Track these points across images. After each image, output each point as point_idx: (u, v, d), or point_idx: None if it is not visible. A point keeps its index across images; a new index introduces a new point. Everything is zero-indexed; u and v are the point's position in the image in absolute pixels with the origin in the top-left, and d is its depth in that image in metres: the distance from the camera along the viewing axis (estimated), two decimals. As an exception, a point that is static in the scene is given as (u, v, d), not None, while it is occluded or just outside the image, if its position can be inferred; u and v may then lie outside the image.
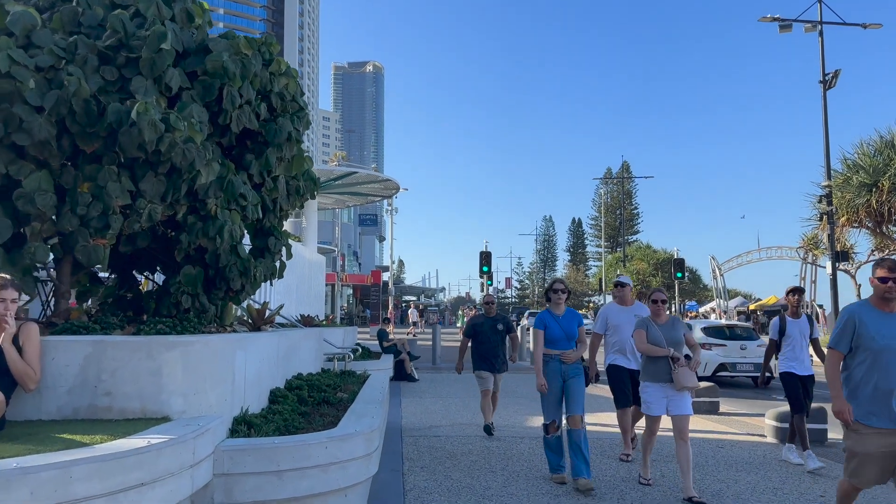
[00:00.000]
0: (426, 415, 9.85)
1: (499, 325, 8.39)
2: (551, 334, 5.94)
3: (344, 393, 6.78)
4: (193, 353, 3.88)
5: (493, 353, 8.26)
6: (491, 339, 8.30)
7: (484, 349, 8.26)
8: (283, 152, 6.25)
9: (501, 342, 8.39)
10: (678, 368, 5.62)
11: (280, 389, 5.47)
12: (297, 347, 6.74)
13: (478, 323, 8.45)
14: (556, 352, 5.93)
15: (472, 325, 8.49)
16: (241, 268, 6.25)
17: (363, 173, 16.01)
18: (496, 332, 8.34)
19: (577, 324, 6.06)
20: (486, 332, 8.31)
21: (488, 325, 8.36)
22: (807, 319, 7.29)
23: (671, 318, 6.04)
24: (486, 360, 8.28)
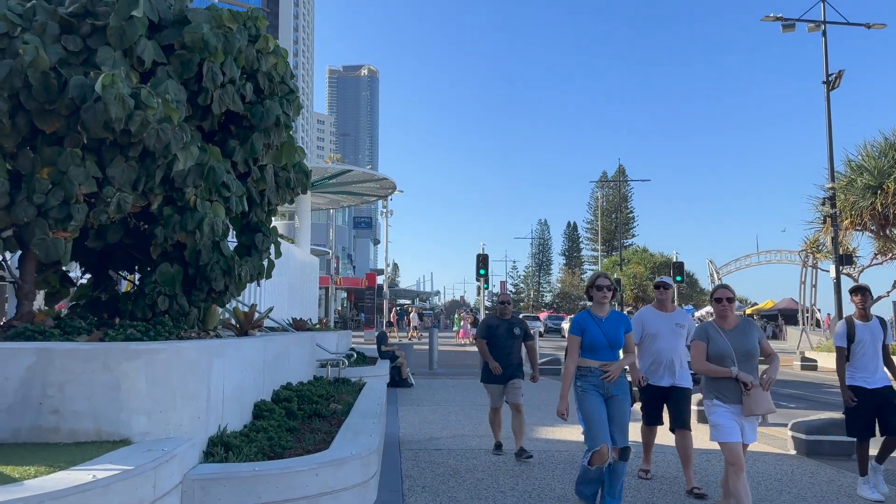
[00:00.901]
0: (425, 425, 9.25)
1: (515, 328, 7.42)
2: (591, 341, 4.83)
3: (338, 404, 6.19)
4: (160, 364, 3.28)
5: (507, 360, 7.32)
6: (505, 345, 7.36)
7: (497, 355, 7.33)
8: (271, 138, 5.67)
9: (517, 348, 7.45)
10: (751, 391, 4.56)
11: (266, 402, 4.88)
12: (287, 354, 6.14)
13: (492, 325, 7.48)
14: (596, 363, 4.82)
15: (486, 326, 7.54)
16: (224, 266, 5.68)
17: (358, 171, 15.43)
18: (512, 337, 7.39)
19: (623, 329, 4.96)
20: (500, 336, 7.37)
21: (503, 329, 7.41)
22: (878, 323, 6.20)
23: (742, 321, 4.88)
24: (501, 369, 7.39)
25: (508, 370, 7.30)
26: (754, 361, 4.70)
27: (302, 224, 16.22)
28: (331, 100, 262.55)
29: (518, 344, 7.44)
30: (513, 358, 7.35)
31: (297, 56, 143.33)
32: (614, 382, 4.81)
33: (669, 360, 6.01)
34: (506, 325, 7.42)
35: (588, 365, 4.86)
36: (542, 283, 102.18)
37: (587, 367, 4.85)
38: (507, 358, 7.29)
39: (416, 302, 71.57)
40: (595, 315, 4.94)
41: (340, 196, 18.25)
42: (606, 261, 60.17)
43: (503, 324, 7.46)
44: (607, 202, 79.14)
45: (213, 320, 6.57)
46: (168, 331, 4.88)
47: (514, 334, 7.39)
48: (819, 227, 25.66)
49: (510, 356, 7.33)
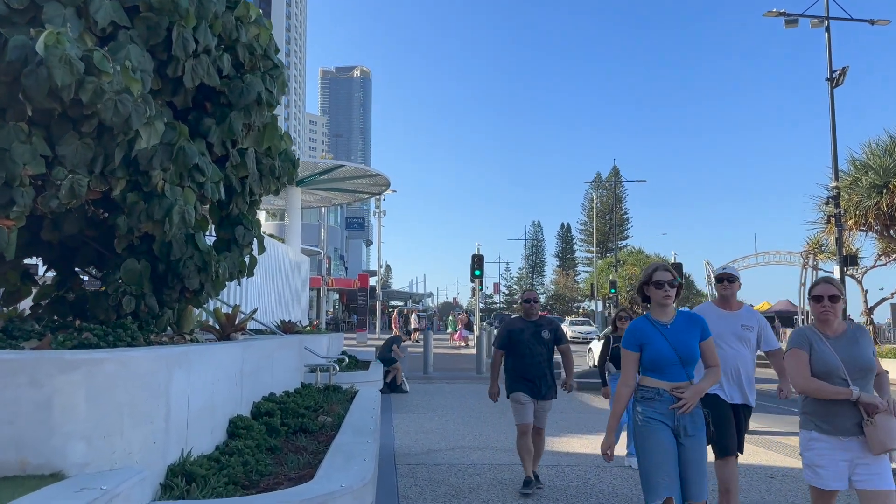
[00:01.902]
0: (422, 435, 8.61)
1: (544, 331, 6.08)
2: (655, 357, 3.59)
3: (328, 416, 5.55)
4: (103, 376, 2.64)
5: (536, 371, 5.96)
6: (534, 352, 6.00)
7: (523, 365, 5.98)
8: (252, 118, 5.02)
9: (548, 357, 6.10)
10: (876, 417, 3.35)
11: (244, 418, 4.23)
12: (271, 360, 5.50)
13: (515, 329, 6.14)
14: (666, 384, 3.56)
15: (507, 331, 6.18)
16: (199, 262, 5.03)
17: (350, 167, 14.78)
18: (541, 342, 6.03)
19: (698, 336, 3.69)
20: (525, 342, 6.02)
21: (529, 332, 6.06)
22: None
23: (850, 327, 3.71)
24: (527, 381, 5.97)
25: (539, 384, 5.96)
26: (870, 379, 3.54)
27: (292, 222, 15.54)
28: (323, 101, 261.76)
29: (549, 351, 6.11)
30: (544, 368, 6.01)
31: (290, 56, 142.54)
32: (689, 413, 3.53)
33: (735, 371, 4.79)
34: (532, 329, 6.09)
35: (654, 385, 3.59)
36: (536, 285, 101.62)
37: (653, 389, 3.60)
38: (537, 368, 5.97)
39: (409, 304, 70.87)
40: (656, 321, 3.71)
41: (332, 193, 17.57)
42: (601, 262, 59.67)
43: (529, 327, 6.11)
44: (601, 203, 78.72)
45: (190, 323, 5.94)
46: (131, 335, 4.23)
47: (543, 339, 6.06)
48: (822, 227, 25.19)
49: (541, 366, 5.99)
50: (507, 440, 8.25)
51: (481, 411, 10.90)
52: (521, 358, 6.03)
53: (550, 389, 6.08)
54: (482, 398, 12.47)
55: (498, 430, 8.97)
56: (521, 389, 5.99)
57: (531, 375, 5.98)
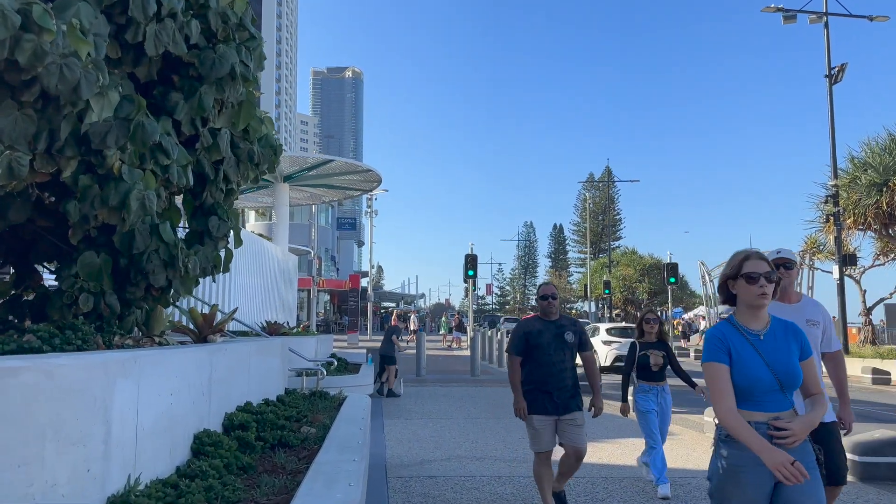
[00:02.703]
0: (415, 443, 8.08)
1: (567, 333, 5.12)
2: (747, 377, 2.62)
3: (311, 426, 5.01)
4: (19, 390, 2.11)
5: (558, 382, 5.02)
6: (554, 358, 5.04)
7: (543, 374, 5.03)
8: (225, 94, 4.48)
9: (572, 364, 5.14)
10: None
11: (211, 433, 3.68)
12: (248, 365, 4.95)
13: (532, 331, 5.15)
14: (761, 415, 2.61)
15: (523, 333, 5.17)
16: (165, 256, 4.49)
17: (340, 161, 14.21)
18: (563, 347, 5.09)
19: (799, 348, 2.72)
20: (544, 346, 5.06)
21: (550, 335, 5.10)
22: None
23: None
24: (545, 393, 5.01)
25: (561, 395, 5.01)
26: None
27: (279, 219, 14.97)
28: (314, 101, 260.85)
29: (573, 357, 5.17)
30: (566, 377, 5.05)
31: (281, 56, 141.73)
32: (795, 450, 2.53)
33: None
34: (553, 330, 5.12)
35: (746, 419, 2.58)
36: (529, 286, 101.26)
37: None
38: (558, 377, 5.02)
39: (401, 304, 70.28)
40: (746, 328, 2.71)
41: (321, 190, 16.99)
42: (594, 263, 59.28)
43: (549, 328, 5.13)
44: (594, 204, 78.40)
45: (160, 324, 5.39)
46: (82, 337, 3.70)
47: (566, 342, 5.09)
48: (820, 226, 24.83)
49: (563, 374, 5.03)
50: (507, 449, 7.73)
51: (477, 416, 10.38)
52: (540, 366, 5.03)
53: (575, 398, 5.06)
54: (478, 402, 11.97)
55: (496, 438, 8.45)
56: (538, 409, 4.99)
57: (551, 386, 5.00)
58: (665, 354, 6.11)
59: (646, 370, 6.10)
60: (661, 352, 6.10)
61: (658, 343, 6.22)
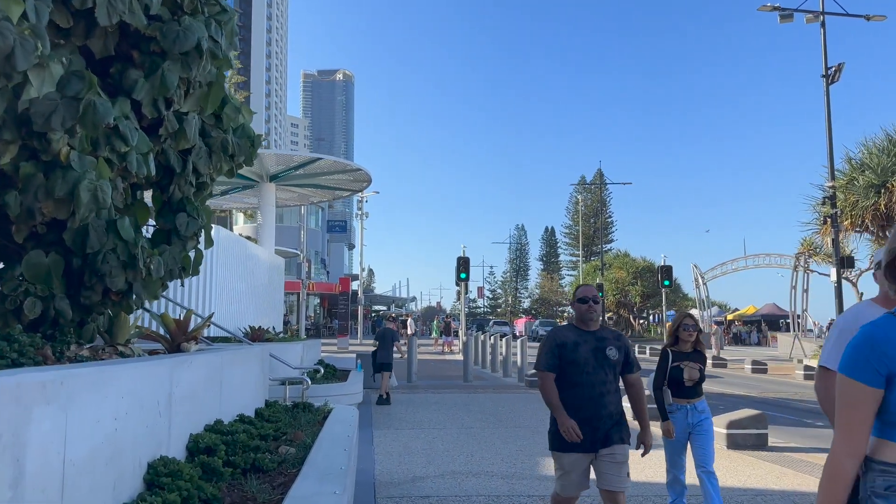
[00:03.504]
0: (406, 457, 7.58)
1: (609, 348, 4.07)
2: None
3: (290, 446, 4.51)
4: None
5: (598, 408, 3.98)
6: (594, 379, 4.00)
7: (579, 398, 3.99)
8: (192, 72, 3.98)
9: (616, 386, 4.12)
10: None
11: (170, 461, 3.17)
12: (220, 377, 4.44)
13: (567, 342, 4.08)
14: None
15: (556, 345, 4.08)
16: (124, 256, 3.99)
17: (329, 160, 13.70)
18: (605, 364, 4.04)
19: None
20: (581, 363, 4.01)
21: (589, 348, 4.05)
22: None
23: None
24: (582, 422, 3.94)
25: (601, 426, 3.96)
26: None
27: (265, 220, 14.44)
28: (305, 104, 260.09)
29: (616, 377, 4.12)
30: (608, 402, 4.00)
31: (271, 58, 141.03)
32: None
33: None
34: (592, 343, 4.06)
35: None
36: (520, 289, 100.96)
37: None
38: (597, 402, 3.97)
39: (392, 308, 69.70)
40: None
41: (309, 190, 16.46)
42: (587, 266, 58.95)
43: (587, 340, 4.06)
44: (586, 207, 78.14)
45: (124, 331, 4.89)
46: (18, 349, 3.18)
47: (609, 359, 4.04)
48: (816, 228, 24.50)
49: (604, 399, 3.99)
50: (504, 462, 7.25)
51: (471, 426, 9.89)
52: (575, 387, 3.98)
53: (617, 427, 3.98)
54: (471, 410, 11.48)
55: (492, 450, 7.97)
56: (570, 447, 3.93)
57: (589, 413, 3.94)
58: (702, 367, 5.21)
59: (677, 385, 5.13)
60: (698, 364, 5.19)
61: (694, 353, 5.25)
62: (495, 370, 19.89)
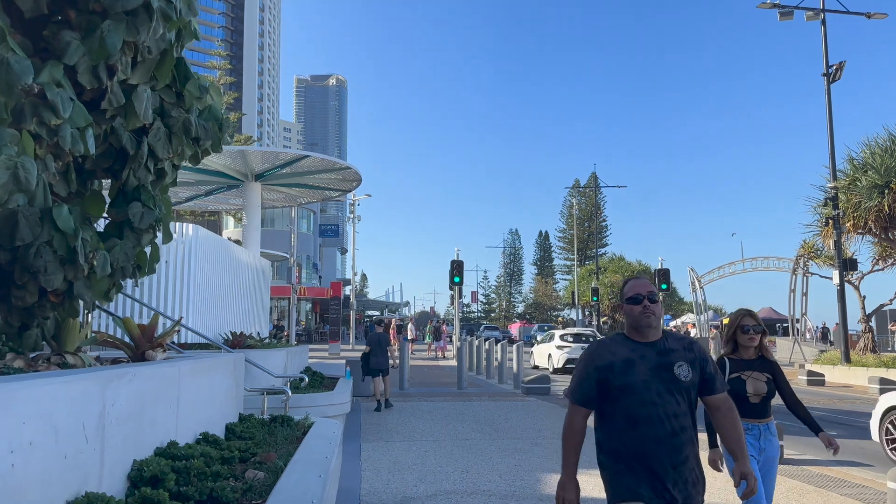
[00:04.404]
0: (396, 474, 6.99)
1: (678, 364, 2.83)
2: None
3: (260, 469, 3.92)
4: None
5: (668, 452, 2.74)
6: (659, 409, 2.77)
7: (640, 437, 2.77)
8: (140, 36, 3.39)
9: (691, 419, 2.84)
10: None
11: (98, 497, 2.58)
12: (174, 392, 3.85)
13: (614, 362, 2.86)
14: None
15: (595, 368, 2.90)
16: (61, 250, 3.41)
17: (316, 157, 13.11)
18: (674, 386, 2.81)
19: None
20: (639, 388, 2.79)
21: (648, 367, 2.83)
22: None
23: None
24: (651, 475, 2.74)
25: (680, 479, 2.75)
26: None
27: (250, 221, 13.83)
28: (298, 109, 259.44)
29: (691, 406, 2.87)
30: (684, 445, 2.78)
31: (263, 62, 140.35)
32: None
33: None
34: (653, 358, 2.85)
35: None
36: (514, 294, 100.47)
37: None
38: (669, 446, 2.75)
39: (385, 313, 69.04)
40: None
41: (297, 190, 15.87)
42: (581, 269, 58.46)
43: (646, 355, 2.86)
44: (580, 211, 77.72)
45: (73, 338, 4.33)
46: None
47: (679, 380, 2.82)
48: (817, 230, 24.04)
49: (677, 440, 2.77)
50: (502, 480, 6.67)
51: (466, 437, 9.30)
52: (637, 423, 2.76)
53: (696, 488, 2.78)
54: (466, 420, 10.90)
55: (489, 465, 7.38)
56: (633, 497, 2.73)
57: (660, 461, 2.73)
58: (770, 378, 4.16)
59: (740, 401, 4.00)
60: (766, 374, 4.16)
61: (759, 361, 4.21)
62: (490, 376, 19.31)
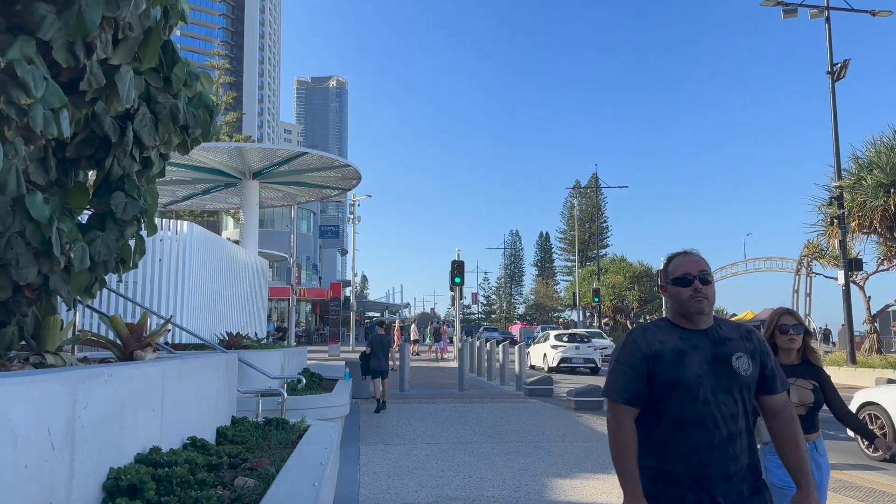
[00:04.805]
0: (396, 479, 6.74)
1: (737, 355, 2.33)
2: None
3: (249, 477, 3.69)
4: None
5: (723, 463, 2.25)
6: (713, 409, 2.27)
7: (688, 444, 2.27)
8: (121, 11, 3.16)
9: (746, 420, 2.33)
10: None
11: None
12: (157, 395, 3.61)
13: (662, 351, 2.34)
14: None
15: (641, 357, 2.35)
16: (35, 241, 3.17)
17: (315, 155, 12.88)
18: (732, 382, 2.30)
19: None
20: (691, 384, 2.28)
21: (702, 359, 2.32)
22: None
23: None
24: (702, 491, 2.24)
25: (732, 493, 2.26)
26: None
27: (248, 220, 13.60)
28: (298, 110, 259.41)
29: (747, 406, 2.35)
30: (739, 453, 2.28)
31: (263, 64, 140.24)
32: None
33: None
34: (707, 348, 2.35)
35: None
36: (515, 295, 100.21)
37: None
38: (724, 454, 2.26)
39: (385, 314, 68.79)
40: None
41: (296, 189, 15.64)
42: (582, 270, 58.20)
43: (699, 344, 2.35)
44: (581, 211, 77.46)
45: (54, 336, 4.08)
46: None
47: (739, 374, 2.32)
48: (822, 230, 23.79)
49: (733, 448, 2.27)
50: (506, 485, 6.43)
51: (468, 440, 9.06)
52: (685, 427, 2.29)
53: (759, 500, 2.32)
54: (467, 422, 10.66)
55: (492, 469, 7.14)
56: None
57: (712, 474, 2.26)
58: (817, 386, 3.53)
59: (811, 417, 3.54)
60: (811, 381, 3.54)
61: (804, 366, 3.60)
62: (492, 378, 19.06)
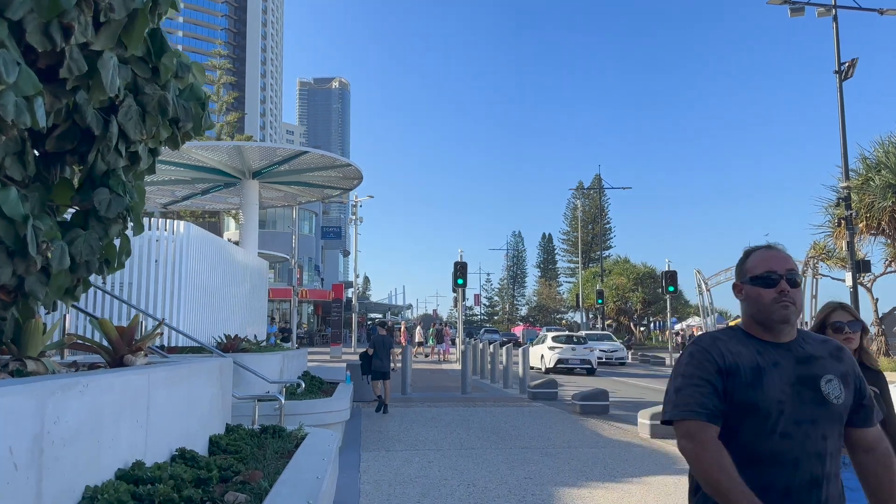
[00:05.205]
0: (398, 488, 6.51)
1: (827, 378, 1.90)
2: None
3: (240, 492, 3.46)
4: None
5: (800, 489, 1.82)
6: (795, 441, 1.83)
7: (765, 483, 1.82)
8: (102, -7, 2.93)
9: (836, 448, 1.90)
10: None
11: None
12: (142, 404, 3.39)
13: (740, 365, 1.88)
14: None
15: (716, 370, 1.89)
16: (9, 240, 2.95)
17: (315, 154, 12.66)
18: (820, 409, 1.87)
19: None
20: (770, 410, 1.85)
21: (784, 380, 1.87)
22: None
23: None
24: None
25: None
26: None
27: (247, 220, 13.39)
28: (301, 111, 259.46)
29: (839, 433, 1.93)
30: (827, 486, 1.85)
31: (266, 65, 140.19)
32: None
33: None
34: (791, 367, 1.90)
35: None
36: (517, 297, 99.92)
37: None
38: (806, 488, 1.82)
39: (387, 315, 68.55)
40: None
41: (296, 189, 15.42)
42: (586, 272, 57.92)
43: (781, 361, 1.91)
44: (584, 212, 77.17)
45: (36, 341, 3.85)
46: None
47: (828, 400, 1.88)
48: (829, 231, 23.53)
49: (819, 491, 1.84)
50: (513, 496, 6.19)
51: (472, 446, 8.83)
52: (760, 461, 1.85)
53: None
54: (471, 427, 10.42)
55: (497, 478, 6.91)
56: None
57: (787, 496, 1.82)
58: (878, 393, 3.00)
59: None
60: (873, 388, 2.96)
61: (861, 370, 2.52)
62: (495, 380, 18.81)
